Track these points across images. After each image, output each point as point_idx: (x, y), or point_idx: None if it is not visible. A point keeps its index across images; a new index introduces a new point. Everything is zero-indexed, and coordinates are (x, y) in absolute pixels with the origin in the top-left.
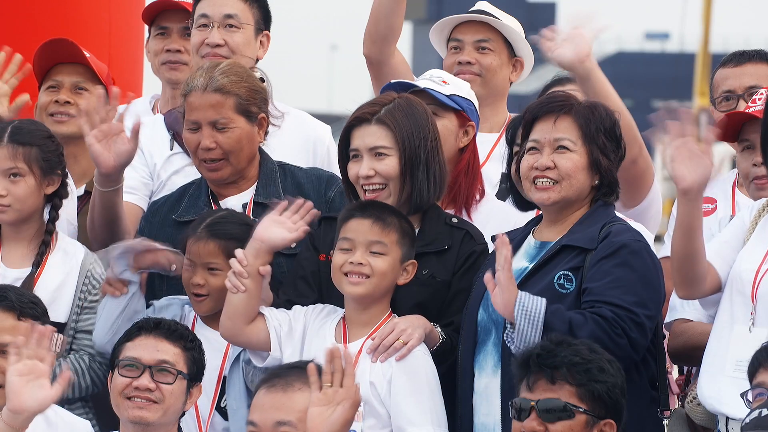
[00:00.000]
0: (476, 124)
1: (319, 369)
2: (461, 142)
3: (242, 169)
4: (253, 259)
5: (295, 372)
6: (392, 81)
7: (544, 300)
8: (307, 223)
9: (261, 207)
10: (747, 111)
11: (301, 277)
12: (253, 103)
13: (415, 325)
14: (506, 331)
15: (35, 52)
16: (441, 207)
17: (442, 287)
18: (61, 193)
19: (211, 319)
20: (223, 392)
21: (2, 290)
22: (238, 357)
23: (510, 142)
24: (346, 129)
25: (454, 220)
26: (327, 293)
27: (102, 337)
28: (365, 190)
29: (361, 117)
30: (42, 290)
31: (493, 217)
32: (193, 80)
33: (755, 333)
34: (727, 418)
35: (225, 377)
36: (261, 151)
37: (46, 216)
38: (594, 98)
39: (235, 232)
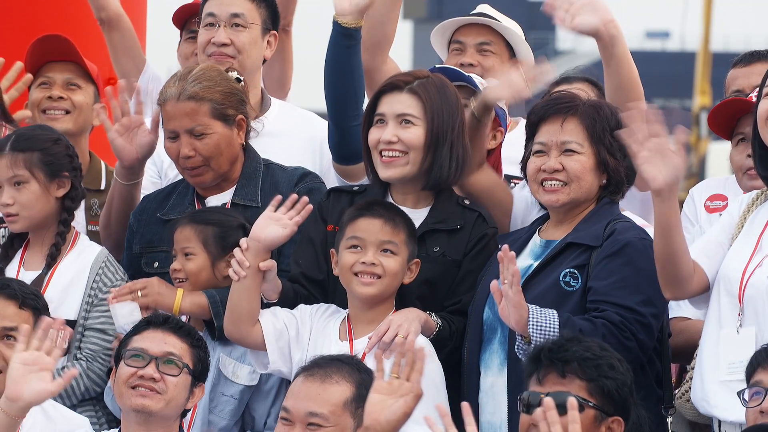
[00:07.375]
0: (504, 131)
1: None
2: (489, 144)
3: (225, 172)
4: (252, 258)
5: (336, 364)
6: (437, 66)
7: (555, 313)
8: (303, 219)
9: (240, 208)
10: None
11: (309, 249)
12: (229, 106)
13: (409, 318)
14: (517, 342)
15: (27, 49)
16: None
17: (452, 266)
18: (73, 195)
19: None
20: None
21: (5, 281)
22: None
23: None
24: (375, 95)
25: (467, 201)
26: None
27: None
28: (383, 156)
29: (394, 84)
30: (53, 290)
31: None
32: (167, 89)
33: (743, 333)
34: (720, 421)
35: None
36: (248, 149)
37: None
38: (618, 67)
39: (213, 218)
